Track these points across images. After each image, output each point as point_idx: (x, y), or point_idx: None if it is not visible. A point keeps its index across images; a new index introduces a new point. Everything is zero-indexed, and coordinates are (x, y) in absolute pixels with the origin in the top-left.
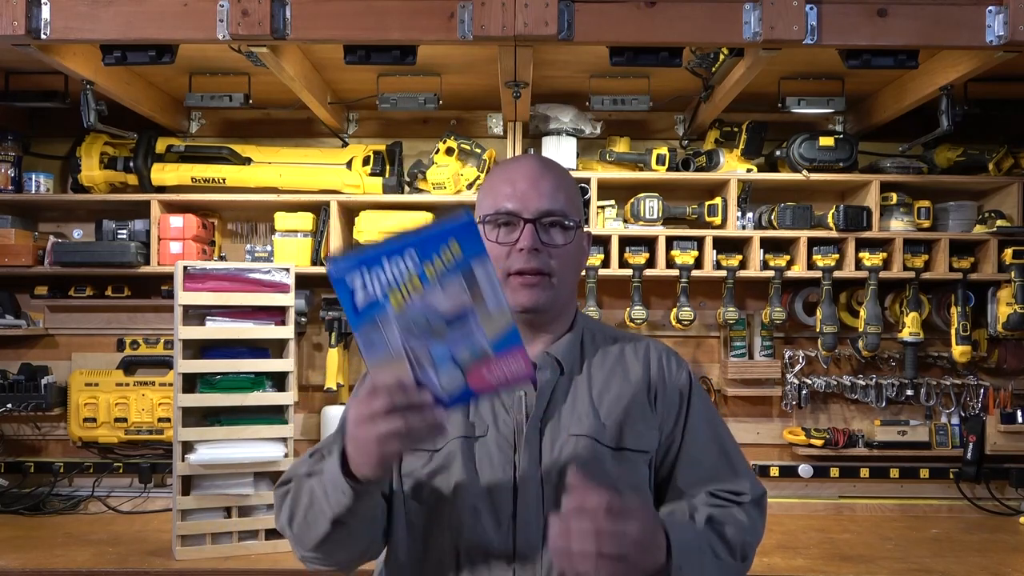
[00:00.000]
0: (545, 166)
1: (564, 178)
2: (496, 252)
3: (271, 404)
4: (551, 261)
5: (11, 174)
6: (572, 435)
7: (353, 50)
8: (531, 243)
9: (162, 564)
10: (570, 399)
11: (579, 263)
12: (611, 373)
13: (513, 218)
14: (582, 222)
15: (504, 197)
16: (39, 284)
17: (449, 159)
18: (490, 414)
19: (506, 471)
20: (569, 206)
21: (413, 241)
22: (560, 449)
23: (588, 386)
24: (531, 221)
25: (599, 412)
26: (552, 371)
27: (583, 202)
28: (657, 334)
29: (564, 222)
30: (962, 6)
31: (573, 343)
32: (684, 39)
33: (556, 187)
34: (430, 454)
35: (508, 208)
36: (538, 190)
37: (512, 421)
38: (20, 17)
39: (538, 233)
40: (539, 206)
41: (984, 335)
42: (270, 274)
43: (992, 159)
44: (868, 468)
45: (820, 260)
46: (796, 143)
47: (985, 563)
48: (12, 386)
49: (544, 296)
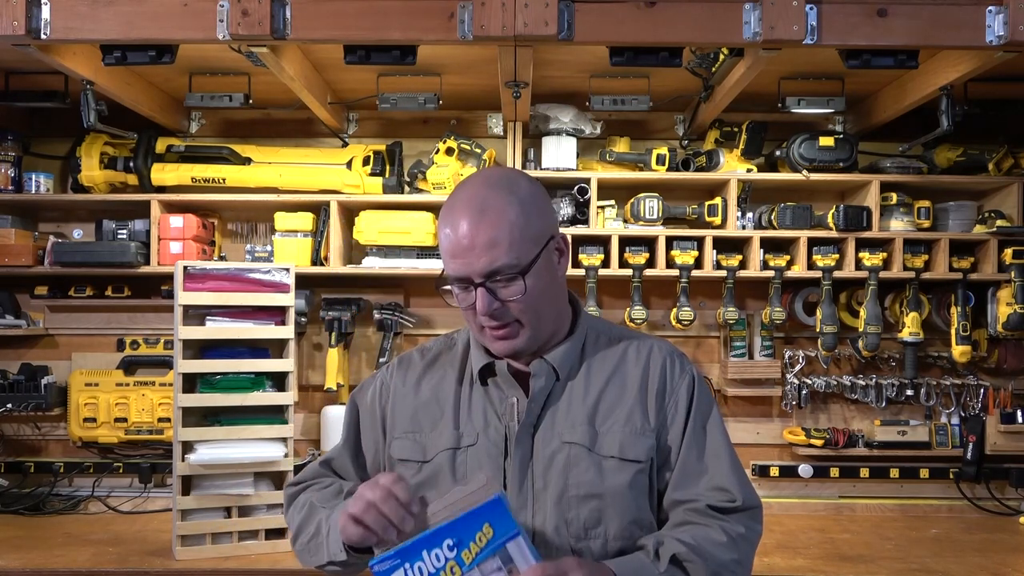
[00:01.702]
0: (480, 210)
1: (505, 212)
2: (464, 308)
3: (271, 404)
4: (513, 311)
5: (11, 174)
6: (565, 442)
7: (353, 50)
8: (485, 308)
9: (162, 564)
10: (564, 405)
11: (550, 286)
12: (610, 378)
13: (464, 283)
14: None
15: (449, 257)
16: (39, 284)
17: (449, 159)
18: (481, 422)
19: (496, 478)
20: (514, 249)
21: (449, 531)
22: (552, 456)
23: (584, 392)
24: (480, 284)
25: (594, 419)
26: (548, 377)
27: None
28: (657, 334)
29: (511, 275)
30: (962, 6)
31: (571, 349)
32: (684, 39)
33: (494, 237)
34: (419, 465)
35: (456, 275)
36: (476, 248)
37: (503, 427)
38: (20, 17)
39: (491, 291)
40: (482, 267)
41: (984, 335)
42: (270, 274)
43: (992, 159)
44: (868, 468)
45: (820, 260)
46: (796, 143)
47: (985, 563)
48: (12, 386)
49: (519, 342)
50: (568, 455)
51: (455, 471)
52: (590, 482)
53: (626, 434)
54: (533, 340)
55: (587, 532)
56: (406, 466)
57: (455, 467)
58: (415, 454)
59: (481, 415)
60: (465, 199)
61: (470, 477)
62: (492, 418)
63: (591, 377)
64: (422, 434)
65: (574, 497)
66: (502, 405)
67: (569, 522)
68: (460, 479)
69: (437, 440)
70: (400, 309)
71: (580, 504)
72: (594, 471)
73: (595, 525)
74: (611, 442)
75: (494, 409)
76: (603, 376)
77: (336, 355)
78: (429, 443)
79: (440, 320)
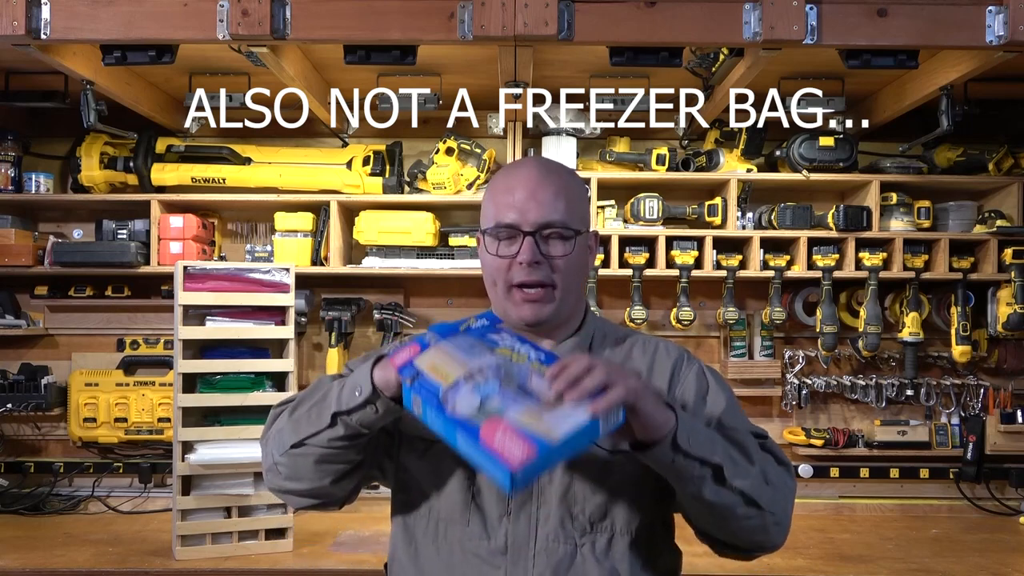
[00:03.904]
0: (545, 172)
1: (566, 183)
2: (497, 264)
3: (271, 404)
4: (553, 273)
5: (11, 174)
6: None
7: (353, 50)
8: (530, 256)
9: (162, 564)
10: None
11: (584, 268)
12: None
13: (512, 231)
14: (588, 225)
15: (503, 208)
16: (39, 284)
17: (449, 159)
18: None
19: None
20: (570, 213)
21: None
22: None
23: None
24: (530, 233)
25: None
26: None
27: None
28: (657, 334)
29: (564, 232)
30: (962, 6)
31: (579, 344)
32: (684, 39)
33: (555, 195)
34: (427, 445)
35: (507, 221)
36: (536, 200)
37: None
38: (20, 17)
39: (538, 245)
40: (537, 218)
41: (984, 335)
42: (270, 274)
43: (992, 159)
44: (868, 468)
45: (820, 260)
46: (796, 143)
47: (985, 563)
48: (12, 386)
49: (547, 309)
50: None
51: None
52: (597, 475)
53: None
54: (558, 312)
55: (593, 526)
56: (412, 446)
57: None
58: (425, 433)
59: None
60: (529, 164)
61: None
62: None
63: None
64: None
65: (580, 491)
66: None
67: (575, 516)
68: (466, 467)
69: None
70: (400, 309)
71: (587, 498)
72: (600, 464)
73: (601, 519)
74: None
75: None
76: None
77: (336, 355)
78: None
79: (440, 320)
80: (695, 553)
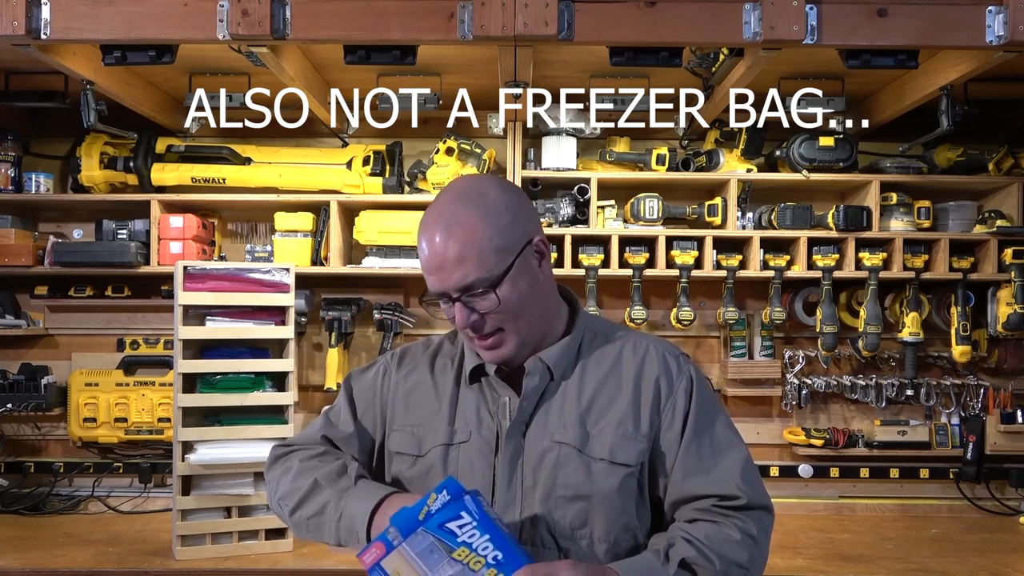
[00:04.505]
0: (447, 227)
1: (471, 231)
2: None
3: (271, 404)
4: (493, 322)
5: (11, 174)
6: (555, 442)
7: (353, 50)
8: (463, 322)
9: (162, 564)
10: (558, 405)
11: (534, 288)
12: (606, 378)
13: (444, 298)
14: (519, 244)
15: (427, 271)
16: (39, 284)
17: (449, 159)
18: (475, 419)
19: (485, 475)
20: (482, 264)
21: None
22: (542, 454)
23: (578, 392)
24: (457, 299)
25: (586, 420)
26: (542, 376)
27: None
28: (657, 334)
29: (483, 289)
30: (962, 6)
31: (567, 348)
32: (684, 39)
33: (462, 253)
34: (414, 459)
35: (435, 290)
36: (447, 265)
37: (495, 425)
38: (20, 17)
39: (469, 304)
40: (455, 283)
41: (984, 335)
42: (270, 274)
43: (992, 159)
44: (868, 468)
45: (820, 260)
46: (796, 143)
47: (985, 563)
48: (12, 386)
49: (506, 350)
50: (558, 455)
51: (447, 467)
52: (578, 483)
53: (617, 437)
54: (521, 346)
55: (573, 532)
56: (402, 459)
57: (447, 463)
58: (411, 448)
59: (475, 412)
60: (435, 215)
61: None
62: (485, 415)
63: (586, 377)
64: (420, 428)
65: (561, 497)
66: (495, 403)
67: (555, 521)
68: (449, 472)
69: (432, 435)
70: (400, 309)
71: (567, 504)
72: (583, 472)
73: (581, 526)
74: (602, 444)
75: (487, 407)
76: (598, 376)
77: (336, 355)
78: (425, 437)
79: (440, 320)
80: None
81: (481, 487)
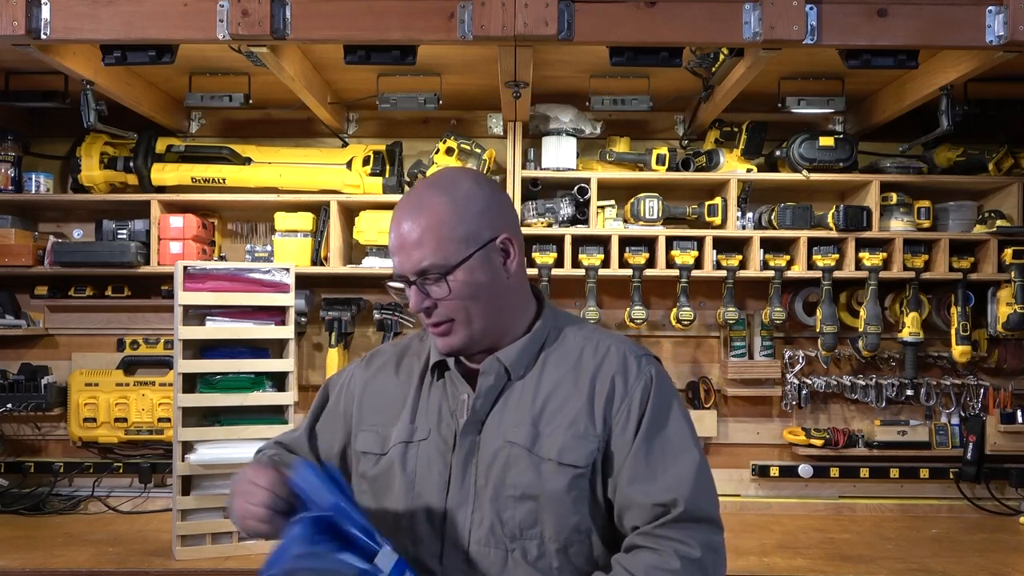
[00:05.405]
0: (413, 210)
1: (435, 215)
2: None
3: (271, 404)
4: (445, 310)
5: (11, 174)
6: (507, 441)
7: (353, 50)
8: (416, 305)
9: (162, 564)
10: (514, 404)
11: (491, 285)
12: (563, 378)
13: (402, 280)
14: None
15: (391, 252)
16: (39, 284)
17: (449, 159)
18: (436, 417)
19: (442, 474)
20: (441, 251)
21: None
22: (494, 454)
23: (534, 392)
24: (413, 282)
25: (539, 420)
26: (497, 376)
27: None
28: (657, 334)
29: (437, 275)
30: (962, 6)
31: (526, 347)
32: (684, 39)
33: (421, 236)
34: (377, 457)
35: (395, 272)
36: (407, 247)
37: (454, 424)
38: (20, 17)
39: (424, 289)
40: (412, 266)
41: (984, 335)
42: (270, 274)
43: (992, 159)
44: (868, 468)
45: (820, 260)
46: (796, 143)
47: (985, 563)
48: (12, 386)
49: (456, 340)
50: (508, 454)
51: (405, 465)
52: (527, 483)
53: (568, 437)
54: (470, 339)
55: (522, 532)
56: (367, 458)
57: (406, 460)
58: (375, 447)
59: (436, 410)
60: (407, 198)
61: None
62: (446, 414)
63: (544, 377)
64: (383, 427)
65: (511, 497)
66: (455, 401)
67: (504, 522)
68: (409, 473)
69: (395, 433)
70: (400, 309)
71: (516, 504)
72: (532, 473)
73: (531, 526)
74: (551, 444)
75: (448, 405)
76: (556, 376)
77: (336, 355)
78: (389, 436)
79: None
80: None
81: (437, 485)
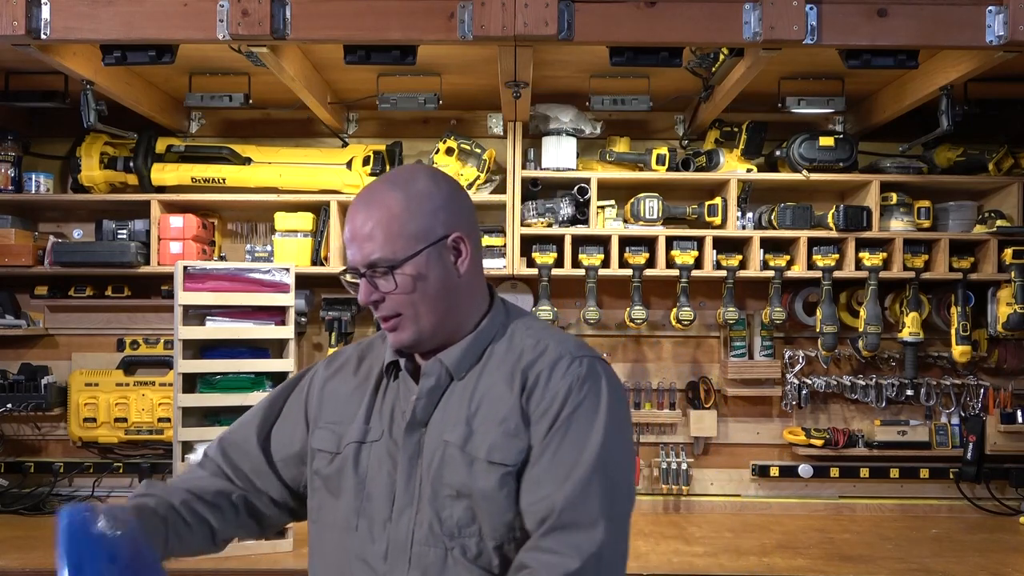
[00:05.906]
0: (366, 203)
1: (384, 209)
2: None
3: None
4: (392, 305)
5: (11, 174)
6: (443, 441)
7: (353, 50)
8: (364, 298)
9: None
10: (454, 404)
11: (441, 282)
12: (500, 376)
13: (353, 272)
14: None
15: (345, 244)
16: (39, 284)
17: (449, 159)
18: (388, 418)
19: (391, 475)
20: (390, 245)
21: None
22: (433, 454)
23: (472, 391)
24: (363, 274)
25: (472, 420)
26: (439, 376)
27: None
28: (657, 334)
29: (385, 269)
30: (962, 6)
31: (468, 347)
32: (684, 39)
33: (372, 230)
34: (332, 456)
35: (348, 263)
36: (358, 239)
37: (403, 424)
38: (20, 17)
39: (373, 282)
40: (362, 258)
41: (984, 335)
42: (270, 274)
43: (992, 159)
44: (868, 468)
45: (820, 260)
46: (796, 143)
47: (985, 563)
48: (12, 386)
49: (405, 335)
50: (444, 454)
51: (358, 465)
52: (460, 482)
53: (498, 435)
54: (419, 335)
55: (460, 531)
56: (322, 456)
57: (358, 461)
58: (330, 445)
59: (390, 411)
60: (362, 192)
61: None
62: (397, 415)
63: (483, 376)
64: (340, 425)
65: (448, 496)
66: (407, 402)
67: (443, 520)
68: (361, 473)
69: (350, 433)
70: None
71: (453, 503)
72: (464, 471)
73: (468, 524)
74: (481, 443)
75: (400, 406)
76: (494, 375)
77: None
78: (344, 435)
79: None
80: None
81: (385, 486)
